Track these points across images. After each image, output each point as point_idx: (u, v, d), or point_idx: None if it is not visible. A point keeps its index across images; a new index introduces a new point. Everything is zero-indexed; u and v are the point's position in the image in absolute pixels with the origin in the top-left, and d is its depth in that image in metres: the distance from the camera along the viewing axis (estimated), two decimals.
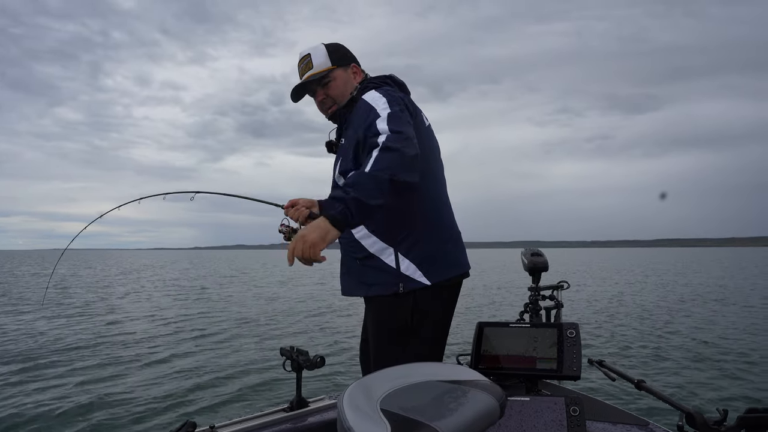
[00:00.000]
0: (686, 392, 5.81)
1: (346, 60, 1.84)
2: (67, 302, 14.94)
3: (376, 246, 1.61)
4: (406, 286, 1.56)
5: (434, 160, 1.74)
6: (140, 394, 5.64)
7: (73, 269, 39.87)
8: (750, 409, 1.40)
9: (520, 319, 2.38)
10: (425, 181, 1.60)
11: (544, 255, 2.48)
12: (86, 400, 5.40)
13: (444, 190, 1.78)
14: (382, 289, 1.59)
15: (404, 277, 1.57)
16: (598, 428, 1.79)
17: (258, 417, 2.04)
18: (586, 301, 14.94)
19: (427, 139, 1.70)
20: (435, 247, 1.61)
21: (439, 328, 1.68)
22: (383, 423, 0.89)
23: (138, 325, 10.54)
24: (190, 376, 6.45)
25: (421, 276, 1.57)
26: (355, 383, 1.05)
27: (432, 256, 1.60)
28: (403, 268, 1.57)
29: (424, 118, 1.75)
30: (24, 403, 5.28)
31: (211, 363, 7.22)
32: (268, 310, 12.95)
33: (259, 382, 6.20)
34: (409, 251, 1.58)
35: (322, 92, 1.83)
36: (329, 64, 1.80)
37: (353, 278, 1.70)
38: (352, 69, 1.84)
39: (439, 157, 1.79)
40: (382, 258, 1.59)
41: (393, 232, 1.60)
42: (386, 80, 1.80)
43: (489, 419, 0.97)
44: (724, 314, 12.47)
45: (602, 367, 2.05)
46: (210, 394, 5.73)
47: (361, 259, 1.65)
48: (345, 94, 1.80)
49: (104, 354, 7.79)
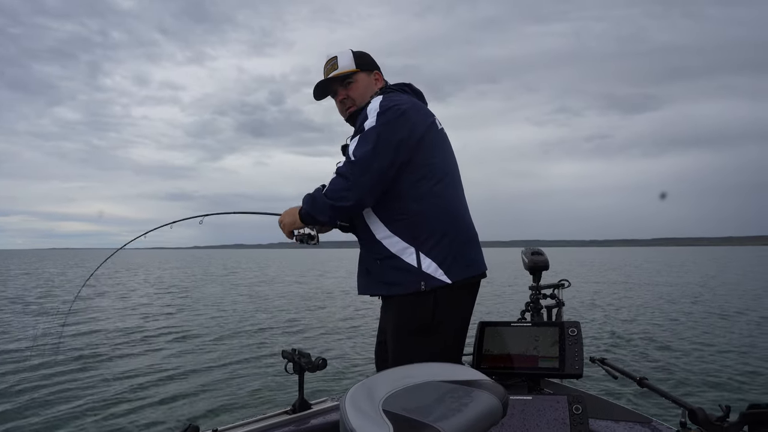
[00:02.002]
0: (688, 389, 5.81)
1: (371, 66, 1.93)
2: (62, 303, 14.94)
3: (398, 246, 1.64)
4: (428, 284, 1.59)
5: (450, 163, 1.79)
6: (141, 398, 5.64)
7: (62, 268, 40.00)
8: (752, 405, 1.40)
9: (521, 318, 2.38)
10: (444, 183, 1.69)
11: (545, 254, 2.48)
12: (86, 405, 5.40)
13: (461, 192, 1.82)
14: (403, 288, 1.62)
15: (426, 275, 1.59)
16: (600, 426, 1.79)
17: (260, 420, 2.04)
18: (587, 300, 14.94)
19: (441, 143, 1.76)
20: (455, 247, 1.65)
21: (459, 328, 1.70)
22: (386, 424, 0.89)
23: (134, 328, 10.53)
24: (191, 380, 6.44)
25: (443, 274, 1.60)
26: (357, 385, 1.05)
27: (452, 256, 1.63)
28: (424, 266, 1.60)
29: (437, 123, 1.80)
30: (20, 406, 5.28)
31: (213, 366, 7.21)
32: (266, 310, 12.96)
33: (261, 384, 6.20)
34: (430, 251, 1.62)
35: (343, 92, 1.90)
36: (353, 67, 1.88)
37: (373, 278, 1.73)
38: (375, 75, 1.92)
39: (454, 159, 1.84)
40: (403, 258, 1.62)
41: (415, 233, 1.64)
42: (404, 87, 1.87)
43: (492, 419, 0.97)
44: (725, 311, 12.48)
45: (604, 365, 2.06)
46: (212, 397, 5.73)
47: (381, 260, 1.68)
48: (365, 96, 1.86)
49: (103, 357, 7.79)
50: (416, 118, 1.69)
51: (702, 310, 12.73)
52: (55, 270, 37.81)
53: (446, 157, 1.77)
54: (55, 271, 36.60)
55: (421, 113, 1.74)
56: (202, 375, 6.70)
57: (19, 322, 11.47)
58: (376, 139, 1.60)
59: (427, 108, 1.84)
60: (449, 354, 1.64)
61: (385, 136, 1.60)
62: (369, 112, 1.67)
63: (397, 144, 1.61)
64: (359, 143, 1.62)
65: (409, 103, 1.72)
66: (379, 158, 1.58)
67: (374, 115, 1.64)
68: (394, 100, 1.68)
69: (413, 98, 1.83)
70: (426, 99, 1.95)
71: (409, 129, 1.64)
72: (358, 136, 1.65)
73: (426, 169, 1.67)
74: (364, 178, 1.57)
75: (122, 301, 16.57)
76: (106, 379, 6.53)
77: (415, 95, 1.87)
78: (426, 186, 1.66)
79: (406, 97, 1.77)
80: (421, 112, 1.74)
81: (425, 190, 1.66)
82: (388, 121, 1.62)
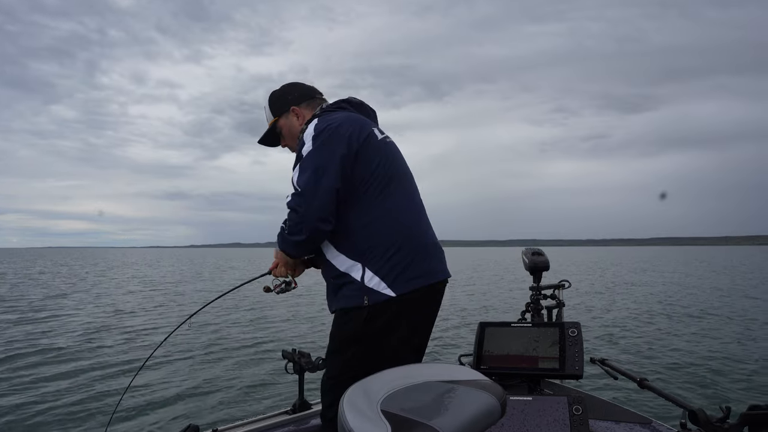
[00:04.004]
0: (688, 390, 5.80)
1: (285, 106, 1.90)
2: (61, 302, 14.97)
3: (345, 264, 1.64)
4: (371, 299, 1.57)
5: (393, 173, 1.72)
6: (141, 398, 5.64)
7: (54, 267, 40.05)
8: (752, 406, 1.40)
9: (521, 319, 2.38)
10: (387, 194, 1.66)
11: (545, 254, 2.48)
12: (87, 404, 5.40)
13: (411, 200, 1.76)
14: (346, 302, 1.62)
15: (368, 289, 1.57)
16: (601, 427, 1.78)
17: (261, 420, 2.04)
18: (587, 300, 14.92)
19: (382, 153, 1.71)
20: (402, 259, 1.61)
21: (408, 339, 1.65)
22: (384, 424, 0.89)
23: (134, 327, 10.54)
24: (191, 380, 6.44)
25: (386, 288, 1.57)
26: (355, 385, 1.05)
27: (400, 268, 1.60)
28: (367, 281, 1.58)
29: (376, 134, 1.75)
30: (18, 405, 5.29)
31: (213, 366, 7.22)
32: (266, 309, 12.96)
33: (261, 385, 6.20)
34: (376, 265, 1.59)
35: (282, 141, 1.96)
36: (272, 117, 1.92)
37: (330, 296, 1.74)
38: (293, 113, 1.89)
39: (400, 167, 1.78)
40: (351, 274, 1.62)
41: (361, 249, 1.62)
42: (341, 104, 1.84)
43: (490, 418, 0.97)
44: (725, 311, 12.46)
45: (604, 366, 2.05)
46: (212, 397, 5.73)
47: (334, 278, 1.69)
48: (296, 134, 1.88)
49: (102, 357, 7.79)
50: (351, 132, 1.67)
51: (702, 310, 12.71)
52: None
53: (390, 168, 1.72)
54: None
55: (356, 125, 1.71)
56: (202, 375, 6.70)
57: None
58: (315, 162, 1.61)
59: (364, 120, 1.79)
60: (398, 363, 1.60)
61: (324, 156, 1.61)
62: (305, 138, 1.68)
63: (338, 161, 1.61)
64: (300, 172, 1.63)
65: (341, 119, 1.71)
66: (323, 180, 1.59)
67: (310, 140, 1.65)
68: (327, 121, 1.69)
69: (350, 113, 1.80)
70: (370, 109, 1.91)
71: (346, 144, 1.63)
72: (298, 165, 1.66)
73: (367, 183, 1.65)
74: (312, 207, 1.58)
75: (122, 299, 16.59)
76: (105, 378, 6.54)
77: (356, 108, 1.85)
78: (368, 200, 1.64)
79: (339, 115, 1.75)
80: (356, 124, 1.71)
81: (368, 206, 1.64)
82: (323, 141, 1.63)
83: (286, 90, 1.93)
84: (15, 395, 5.75)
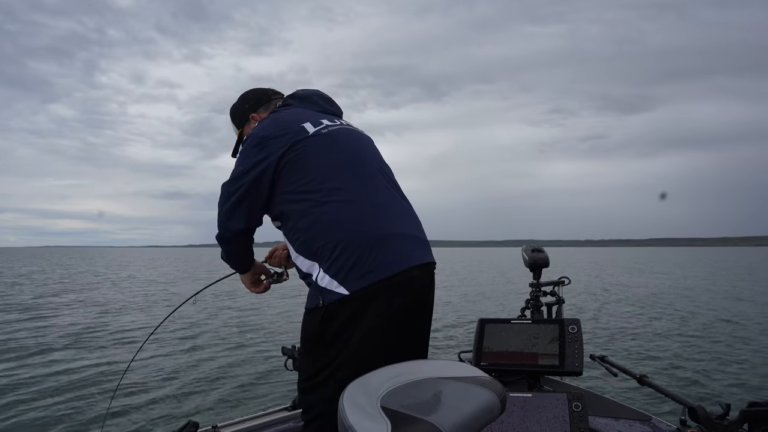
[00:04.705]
0: (688, 387, 5.81)
1: (245, 115, 1.92)
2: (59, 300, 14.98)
3: (305, 265, 1.61)
4: (326, 298, 1.51)
5: (341, 164, 1.65)
6: (142, 394, 5.65)
7: (49, 267, 40.03)
8: (752, 402, 1.40)
9: (521, 316, 2.38)
10: (327, 191, 1.58)
11: (545, 251, 2.48)
12: (87, 401, 5.41)
13: (366, 192, 1.64)
14: (309, 302, 1.58)
15: (322, 289, 1.52)
16: (600, 424, 1.78)
17: (260, 416, 2.04)
18: (586, 298, 14.94)
19: (321, 149, 1.64)
20: (355, 255, 1.52)
21: (375, 337, 1.52)
22: (383, 420, 0.89)
23: (133, 326, 10.55)
24: (191, 376, 6.45)
25: (338, 286, 1.50)
26: (354, 381, 1.04)
27: (350, 265, 1.51)
28: (319, 280, 1.53)
29: (309, 128, 1.67)
30: (17, 402, 5.29)
31: (212, 362, 7.22)
32: (266, 307, 12.97)
33: (260, 381, 6.21)
34: (325, 263, 1.54)
35: None
36: (236, 129, 1.96)
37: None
38: (253, 120, 1.90)
39: (352, 156, 1.69)
40: (311, 275, 1.58)
41: (312, 249, 1.57)
42: (287, 101, 1.84)
43: (489, 415, 0.97)
44: (725, 310, 12.48)
45: (604, 363, 2.05)
46: (212, 393, 5.74)
47: (302, 279, 1.67)
48: None
49: (101, 354, 7.80)
50: (276, 135, 1.63)
51: (702, 308, 12.74)
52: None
53: (335, 158, 1.64)
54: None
55: (281, 127, 1.65)
56: (202, 371, 6.71)
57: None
58: (234, 169, 1.68)
59: (299, 115, 1.72)
60: (366, 362, 1.42)
61: (240, 162, 1.67)
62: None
63: (251, 167, 1.62)
64: (224, 187, 1.72)
65: (267, 123, 1.69)
66: (235, 184, 1.65)
67: (243, 146, 1.72)
68: (255, 129, 1.70)
69: (290, 110, 1.76)
70: (319, 98, 1.85)
71: (266, 151, 1.61)
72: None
73: (303, 182, 1.59)
74: (224, 208, 1.68)
75: (120, 298, 16.60)
76: (105, 376, 6.55)
77: (300, 101, 1.81)
78: (309, 200, 1.58)
79: (268, 119, 1.72)
80: (284, 126, 1.66)
81: (309, 205, 1.58)
82: (244, 150, 1.68)
83: (243, 100, 1.96)
84: (15, 395, 5.76)
